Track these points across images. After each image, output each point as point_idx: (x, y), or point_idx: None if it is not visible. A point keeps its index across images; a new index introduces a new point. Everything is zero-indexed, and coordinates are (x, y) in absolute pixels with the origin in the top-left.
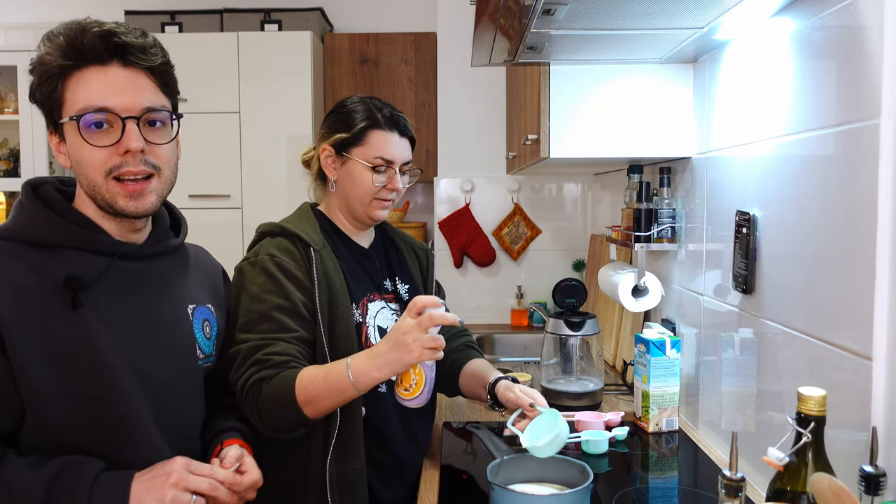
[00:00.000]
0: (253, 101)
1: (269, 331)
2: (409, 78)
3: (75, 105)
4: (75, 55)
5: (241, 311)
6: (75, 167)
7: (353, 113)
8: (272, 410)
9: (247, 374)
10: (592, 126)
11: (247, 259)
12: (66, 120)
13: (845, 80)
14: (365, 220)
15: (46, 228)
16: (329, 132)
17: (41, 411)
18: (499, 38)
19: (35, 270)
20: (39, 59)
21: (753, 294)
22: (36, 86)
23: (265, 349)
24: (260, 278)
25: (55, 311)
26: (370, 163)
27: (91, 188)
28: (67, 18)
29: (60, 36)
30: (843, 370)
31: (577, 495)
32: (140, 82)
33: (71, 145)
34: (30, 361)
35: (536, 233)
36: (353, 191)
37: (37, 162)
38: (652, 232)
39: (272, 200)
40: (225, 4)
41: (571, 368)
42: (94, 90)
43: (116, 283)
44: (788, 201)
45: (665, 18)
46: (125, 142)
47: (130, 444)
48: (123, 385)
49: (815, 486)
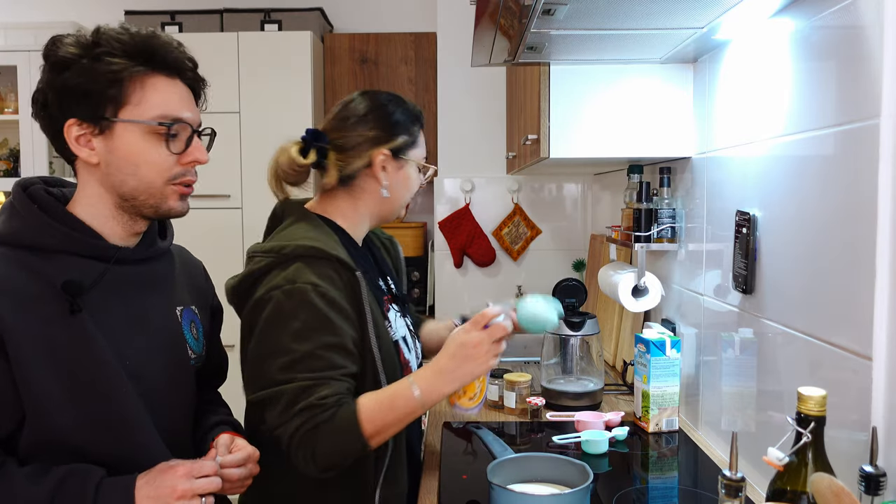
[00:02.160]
0: (253, 101)
1: (318, 369)
2: (409, 78)
3: (148, 109)
4: (146, 61)
5: (278, 347)
6: (122, 166)
7: (411, 111)
8: (333, 453)
9: (297, 422)
10: (592, 126)
11: (278, 287)
12: (140, 121)
13: (845, 80)
14: (390, 221)
15: (42, 233)
16: (386, 135)
17: (42, 415)
18: (499, 38)
19: (32, 275)
20: (88, 51)
21: (753, 294)
22: (78, 77)
23: (316, 393)
24: (303, 313)
25: (54, 316)
26: (423, 165)
27: (139, 189)
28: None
29: (126, 37)
30: (843, 370)
31: (577, 495)
32: (193, 99)
33: (124, 145)
34: (31, 366)
35: (536, 233)
36: (404, 193)
37: (37, 162)
38: (652, 232)
39: (272, 200)
40: (225, 4)
41: (571, 368)
42: (169, 99)
43: (111, 287)
44: (788, 201)
45: (665, 18)
46: (194, 154)
47: (131, 446)
48: (123, 388)
49: (815, 486)
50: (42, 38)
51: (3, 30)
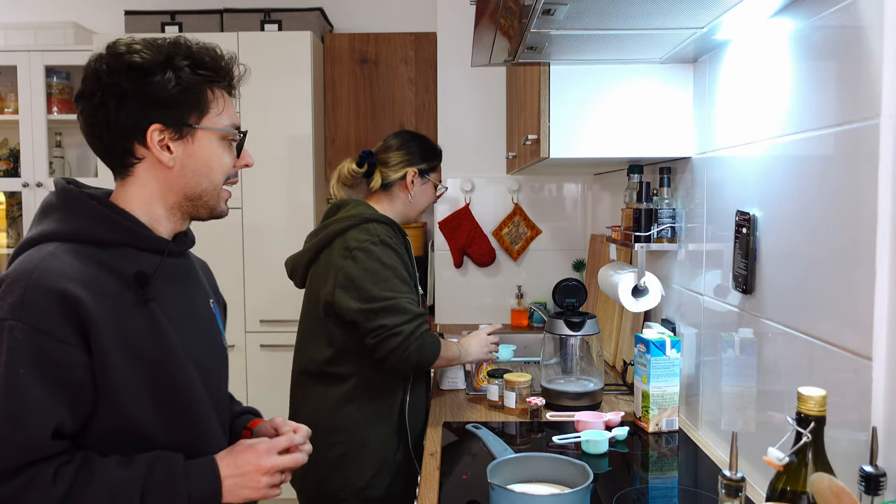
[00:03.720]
0: (253, 100)
1: (409, 292)
2: (409, 78)
3: (223, 119)
4: (217, 75)
5: (381, 276)
6: (195, 168)
7: (435, 148)
8: (429, 354)
9: (417, 322)
10: (592, 126)
11: (367, 240)
12: (217, 128)
13: (845, 80)
14: (412, 222)
15: (107, 227)
16: (420, 159)
17: (118, 404)
18: (499, 38)
19: (103, 268)
20: (170, 61)
21: (753, 294)
22: (166, 85)
23: (416, 307)
24: (390, 258)
25: (130, 307)
26: (438, 184)
27: (207, 190)
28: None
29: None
30: (843, 370)
31: (577, 495)
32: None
33: (203, 150)
34: (112, 357)
35: (536, 233)
36: (423, 202)
37: (37, 162)
38: (652, 232)
39: (272, 200)
40: (225, 4)
41: (571, 368)
42: (230, 110)
43: (165, 279)
44: (788, 201)
45: (665, 18)
46: (246, 158)
47: (199, 433)
48: (189, 377)
49: (815, 486)
50: (42, 38)
51: (3, 30)
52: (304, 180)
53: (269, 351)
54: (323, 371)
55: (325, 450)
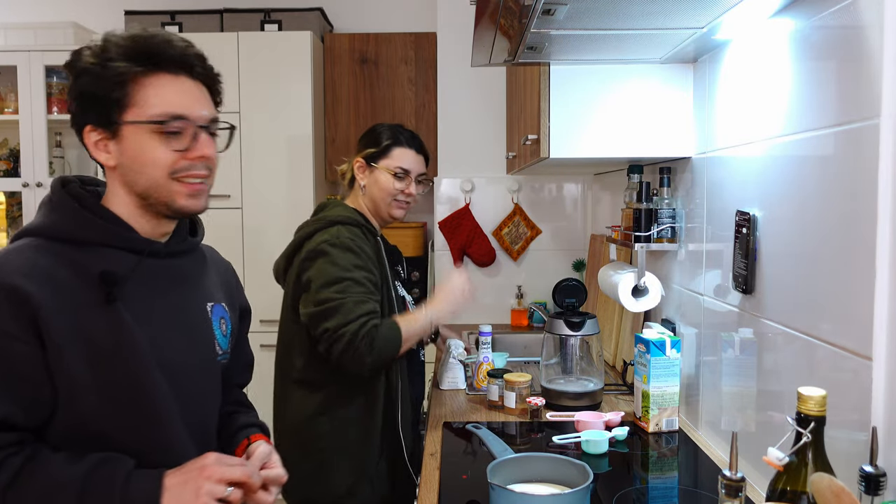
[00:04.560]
0: (253, 101)
1: (364, 291)
2: (409, 78)
3: (149, 109)
4: (147, 61)
5: (332, 277)
6: (133, 166)
7: (381, 134)
8: (385, 348)
9: (361, 321)
10: (592, 126)
11: (325, 241)
12: (138, 122)
13: (845, 80)
14: (386, 217)
15: (81, 226)
16: (362, 148)
17: (75, 403)
18: (499, 38)
19: (71, 266)
20: (98, 58)
21: (753, 294)
22: (91, 85)
23: (367, 304)
24: (347, 255)
25: (91, 305)
26: (391, 171)
27: (149, 188)
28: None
29: (128, 40)
30: (843, 370)
31: (577, 495)
32: (203, 94)
33: (132, 145)
34: (66, 353)
35: (536, 233)
36: (379, 193)
37: (37, 162)
38: (652, 232)
39: (272, 200)
40: (225, 4)
41: (571, 368)
42: (170, 97)
43: (145, 279)
44: (788, 201)
45: (665, 18)
46: (200, 149)
47: (159, 438)
48: (153, 379)
49: (815, 486)
50: (42, 38)
51: (3, 30)
52: (304, 180)
53: (269, 351)
54: (300, 378)
55: (305, 458)
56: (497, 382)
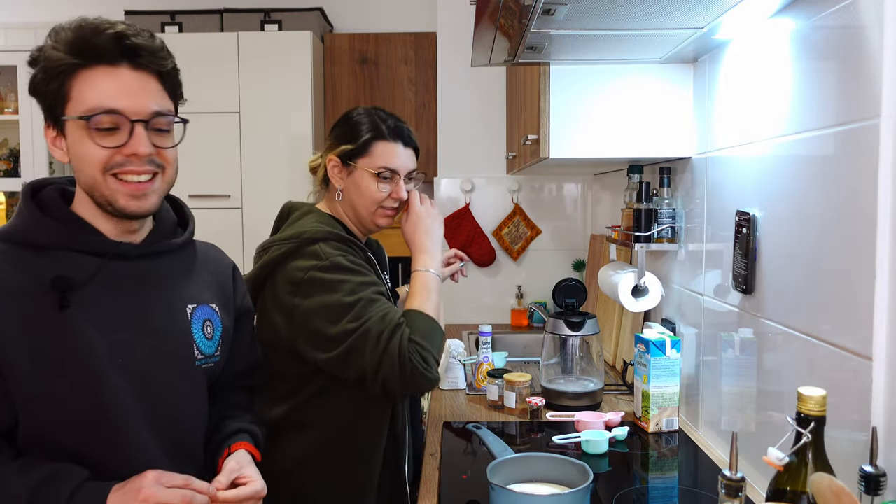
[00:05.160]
0: (253, 101)
1: (382, 305)
2: (409, 78)
3: (83, 104)
4: (85, 53)
5: (338, 308)
6: (75, 164)
7: (359, 125)
8: (432, 339)
9: (396, 339)
10: (592, 126)
11: (312, 267)
12: (73, 118)
13: (845, 80)
14: (370, 227)
15: (39, 230)
16: (335, 143)
17: (31, 413)
18: (499, 38)
19: (26, 272)
20: (44, 53)
21: (753, 294)
22: (39, 79)
23: (392, 315)
24: (346, 276)
25: (43, 312)
26: (374, 172)
27: (90, 185)
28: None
29: (70, 32)
30: (843, 370)
31: (577, 495)
32: (149, 86)
33: (73, 142)
34: (17, 362)
35: (536, 233)
36: (359, 199)
37: (37, 162)
38: (652, 232)
39: (272, 200)
40: (225, 4)
41: (571, 368)
42: (103, 91)
43: (109, 283)
44: (788, 201)
45: (665, 18)
46: (133, 145)
47: (120, 446)
48: (111, 386)
49: (815, 486)
50: (42, 38)
51: (3, 30)
52: (304, 180)
53: None
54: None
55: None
56: (497, 382)
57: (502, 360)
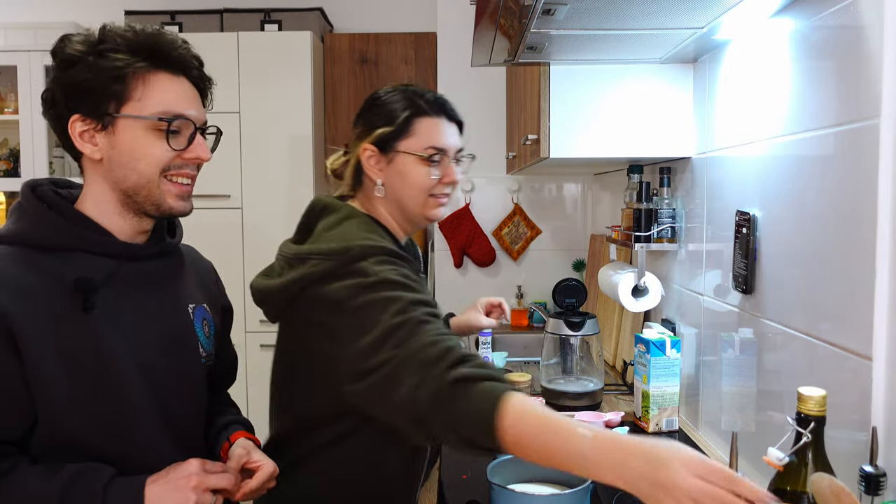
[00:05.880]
0: (253, 101)
1: (436, 332)
2: (409, 78)
3: (151, 105)
4: (150, 57)
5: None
6: (124, 161)
7: (392, 103)
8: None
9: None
10: (592, 126)
11: (358, 285)
12: (141, 117)
13: (845, 80)
14: (420, 221)
15: (51, 231)
16: (367, 129)
17: (53, 413)
18: (499, 38)
19: (43, 274)
20: (93, 48)
21: (753, 294)
22: (83, 73)
23: (446, 342)
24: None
25: (65, 313)
26: (423, 154)
27: (138, 185)
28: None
29: (129, 34)
30: (843, 370)
31: (577, 495)
32: (198, 98)
33: (126, 140)
34: (43, 364)
35: (536, 233)
36: (406, 190)
37: (37, 162)
38: (652, 232)
39: (272, 200)
40: (225, 4)
41: (571, 368)
42: (171, 95)
43: (122, 284)
44: (788, 201)
45: (665, 18)
46: (197, 151)
47: (140, 445)
48: (132, 386)
49: (816, 486)
50: (42, 38)
51: (3, 30)
52: (304, 180)
53: (269, 351)
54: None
55: None
56: None
57: (502, 360)
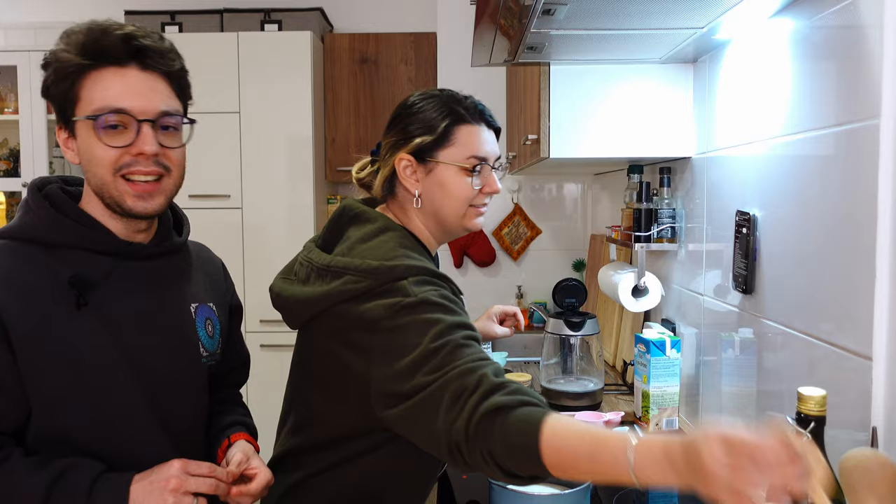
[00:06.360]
0: (253, 101)
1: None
2: (409, 78)
3: (91, 104)
4: (94, 55)
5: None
6: (84, 164)
7: (429, 111)
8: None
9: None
10: (592, 126)
11: (397, 304)
12: (81, 118)
13: (845, 80)
14: (459, 232)
15: (52, 228)
16: (403, 138)
17: (45, 409)
18: (499, 38)
19: (40, 270)
20: (56, 55)
21: (753, 294)
22: (51, 82)
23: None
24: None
25: (60, 311)
26: (464, 164)
27: (99, 186)
28: (67, 18)
29: (80, 34)
30: (843, 370)
31: (577, 495)
32: (157, 86)
33: (82, 143)
34: (35, 359)
35: (536, 233)
36: (447, 201)
37: (37, 162)
38: (652, 232)
39: (272, 200)
40: (225, 4)
41: (571, 368)
42: (111, 91)
43: (122, 282)
44: (788, 201)
45: (665, 18)
46: (139, 144)
47: (133, 443)
48: (125, 384)
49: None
50: (42, 38)
51: (3, 30)
52: (304, 180)
53: (268, 351)
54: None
55: None
56: None
57: (502, 360)
